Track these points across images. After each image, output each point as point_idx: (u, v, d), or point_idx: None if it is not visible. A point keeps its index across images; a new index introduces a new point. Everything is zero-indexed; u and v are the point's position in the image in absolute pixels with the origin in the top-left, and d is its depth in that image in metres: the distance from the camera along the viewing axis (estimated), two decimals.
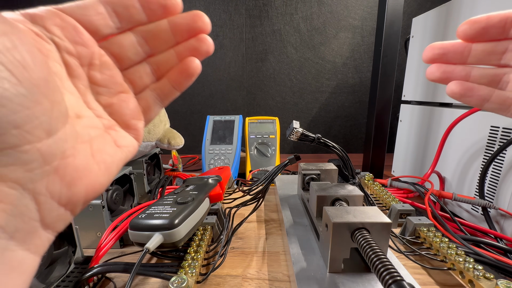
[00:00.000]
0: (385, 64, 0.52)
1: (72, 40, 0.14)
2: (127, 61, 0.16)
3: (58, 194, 0.12)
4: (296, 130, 0.31)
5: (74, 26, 0.14)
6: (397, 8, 0.49)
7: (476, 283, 0.24)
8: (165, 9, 0.15)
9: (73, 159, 0.13)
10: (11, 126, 0.10)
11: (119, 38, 0.16)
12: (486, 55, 0.18)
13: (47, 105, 0.11)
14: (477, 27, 0.17)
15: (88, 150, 0.14)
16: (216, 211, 0.37)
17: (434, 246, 0.30)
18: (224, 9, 0.86)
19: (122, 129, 0.16)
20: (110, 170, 0.15)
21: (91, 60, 0.15)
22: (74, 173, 0.12)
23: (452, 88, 0.19)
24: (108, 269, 0.27)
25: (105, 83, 0.16)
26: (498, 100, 0.18)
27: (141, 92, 0.17)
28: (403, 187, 0.50)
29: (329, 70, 0.89)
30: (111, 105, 0.16)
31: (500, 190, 0.37)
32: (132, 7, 0.15)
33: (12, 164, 0.10)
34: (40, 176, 0.11)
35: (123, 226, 0.31)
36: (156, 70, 0.17)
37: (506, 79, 0.18)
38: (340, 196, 0.29)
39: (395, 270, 0.17)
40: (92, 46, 0.15)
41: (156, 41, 0.16)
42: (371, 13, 0.84)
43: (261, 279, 0.29)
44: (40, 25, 0.13)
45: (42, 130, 0.11)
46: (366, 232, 0.21)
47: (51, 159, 0.12)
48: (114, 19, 0.15)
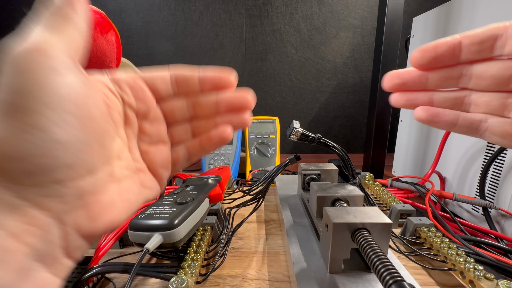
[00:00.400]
0: (386, 64, 0.52)
1: (137, 97, 0.17)
2: (174, 119, 0.19)
3: (81, 227, 0.13)
4: (296, 130, 0.31)
5: (142, 88, 0.17)
6: (397, 8, 0.49)
7: (477, 283, 0.24)
8: (217, 86, 0.18)
9: (102, 196, 0.14)
10: (64, 165, 0.12)
11: (173, 100, 0.19)
12: (444, 81, 0.19)
13: (97, 149, 0.14)
14: (428, 56, 0.18)
15: (116, 189, 0.15)
16: (216, 211, 0.37)
17: (435, 247, 0.30)
18: (224, 9, 0.86)
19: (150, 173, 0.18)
20: (132, 207, 0.16)
21: (146, 113, 0.18)
22: (99, 209, 0.14)
23: (419, 114, 0.19)
24: (108, 270, 0.27)
25: (150, 133, 0.18)
26: (465, 123, 0.19)
27: (176, 145, 0.19)
28: (403, 187, 0.50)
29: (329, 70, 0.89)
30: (148, 152, 0.18)
31: (500, 190, 0.37)
32: (191, 81, 0.18)
33: (52, 196, 0.12)
34: (71, 209, 0.12)
35: (122, 226, 0.31)
36: (195, 130, 0.19)
37: (467, 101, 0.19)
38: (340, 196, 0.29)
39: (395, 271, 0.17)
40: (151, 103, 0.18)
41: (203, 109, 0.19)
42: (372, 12, 0.84)
43: (261, 279, 0.29)
44: (117, 84, 0.17)
45: (86, 169, 0.13)
46: (367, 233, 0.21)
47: (85, 195, 0.13)
48: (175, 87, 0.18)
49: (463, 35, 0.17)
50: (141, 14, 0.86)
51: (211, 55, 0.89)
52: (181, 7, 0.86)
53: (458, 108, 0.19)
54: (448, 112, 0.19)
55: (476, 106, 0.18)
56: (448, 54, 0.18)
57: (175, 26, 0.87)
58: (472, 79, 0.18)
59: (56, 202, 0.12)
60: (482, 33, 0.17)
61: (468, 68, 0.18)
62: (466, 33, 0.17)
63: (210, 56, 0.89)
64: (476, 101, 0.18)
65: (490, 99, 0.18)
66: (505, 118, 0.17)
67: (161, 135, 0.19)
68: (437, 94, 0.19)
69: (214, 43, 0.88)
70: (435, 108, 0.19)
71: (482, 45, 0.17)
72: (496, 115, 0.18)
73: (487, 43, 0.17)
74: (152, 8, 0.86)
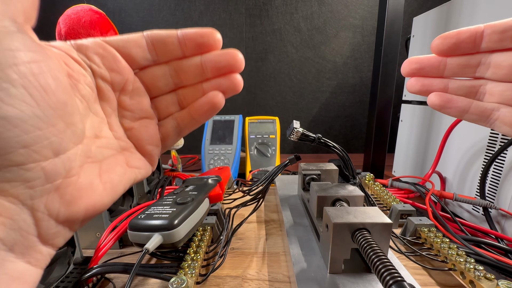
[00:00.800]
0: (386, 64, 0.52)
1: (109, 67, 0.15)
2: (157, 90, 0.17)
3: (56, 212, 0.12)
4: (296, 130, 0.31)
5: (114, 55, 0.15)
6: (397, 8, 0.49)
7: (477, 283, 0.23)
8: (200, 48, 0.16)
9: (77, 178, 0.13)
10: (20, 146, 0.10)
11: (154, 69, 0.17)
12: (461, 69, 0.19)
13: (61, 126, 0.12)
14: (449, 42, 0.18)
15: (96, 170, 0.14)
16: (216, 211, 0.37)
17: (435, 247, 0.30)
18: (224, 9, 0.86)
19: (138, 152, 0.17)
20: (116, 189, 0.15)
21: (124, 86, 0.16)
22: (75, 192, 0.13)
23: (432, 99, 0.20)
24: (108, 270, 0.27)
25: (132, 108, 0.17)
26: (477, 111, 0.19)
27: (164, 119, 0.18)
28: (404, 187, 0.50)
29: (330, 69, 0.89)
30: (132, 128, 0.17)
31: (501, 190, 0.37)
32: (171, 44, 0.16)
33: (14, 180, 0.11)
34: (40, 194, 0.11)
35: (122, 226, 0.31)
36: (182, 101, 0.18)
37: (482, 90, 0.19)
38: (340, 197, 0.28)
39: (395, 271, 0.16)
40: (127, 74, 0.16)
41: (188, 75, 0.17)
42: (372, 12, 0.83)
43: (261, 280, 0.28)
44: (83, 53, 0.15)
45: (50, 149, 0.11)
46: (367, 233, 0.21)
47: (54, 178, 0.12)
48: (152, 52, 0.16)
49: (487, 25, 0.17)
50: (141, 14, 0.86)
51: None
52: (181, 7, 0.86)
53: (472, 96, 0.19)
54: (462, 99, 0.19)
55: (490, 96, 0.18)
56: (469, 41, 0.18)
57: (175, 26, 0.87)
58: (490, 68, 0.18)
59: (20, 187, 0.11)
60: (506, 22, 0.17)
61: (487, 57, 0.18)
62: (490, 23, 0.17)
63: None
64: (491, 90, 0.18)
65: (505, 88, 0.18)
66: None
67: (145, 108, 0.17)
68: (453, 81, 0.19)
69: None
70: (448, 94, 0.19)
71: (503, 34, 0.17)
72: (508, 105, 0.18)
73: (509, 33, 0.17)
74: (152, 8, 0.86)
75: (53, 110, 0.12)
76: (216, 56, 0.16)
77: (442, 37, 0.18)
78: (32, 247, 0.11)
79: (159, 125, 0.18)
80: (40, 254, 0.12)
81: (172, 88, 0.17)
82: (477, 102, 0.19)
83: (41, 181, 0.11)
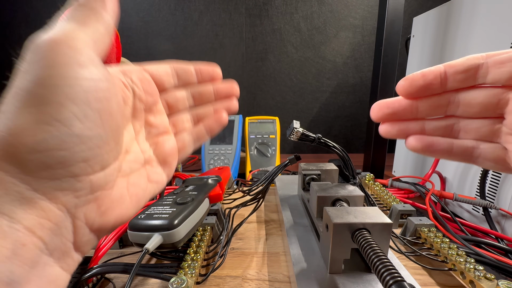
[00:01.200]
0: (386, 64, 0.52)
1: (145, 90, 0.18)
2: (176, 110, 0.20)
3: (92, 221, 0.13)
4: (296, 130, 0.31)
5: (149, 80, 0.18)
6: (397, 8, 0.49)
7: (477, 283, 0.23)
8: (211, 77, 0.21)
9: (112, 191, 0.14)
10: (81, 160, 0.12)
11: (175, 92, 0.20)
12: (433, 109, 0.19)
13: (112, 145, 0.14)
14: (416, 84, 0.18)
15: (125, 183, 0.15)
16: (215, 211, 0.37)
17: (435, 247, 0.30)
18: (224, 8, 0.86)
19: (159, 164, 0.19)
20: (139, 203, 0.16)
21: (153, 106, 0.19)
22: (109, 203, 0.14)
23: (413, 144, 0.19)
24: (108, 270, 0.27)
25: (156, 124, 0.19)
26: (459, 151, 0.19)
27: (180, 134, 0.21)
28: (404, 188, 0.50)
29: (330, 69, 0.89)
30: (156, 143, 0.19)
31: (501, 190, 0.37)
32: (190, 73, 0.20)
33: (67, 189, 0.12)
34: (83, 203, 0.13)
35: (122, 226, 0.31)
36: (195, 118, 0.21)
37: (456, 128, 0.19)
38: (340, 197, 0.28)
39: (395, 271, 0.17)
40: (157, 96, 0.19)
41: (201, 98, 0.21)
42: (372, 12, 0.83)
43: (261, 280, 0.28)
44: (128, 77, 0.17)
45: (100, 164, 0.13)
46: (367, 233, 0.21)
47: (96, 189, 0.13)
48: (175, 78, 0.20)
49: (447, 65, 0.17)
50: (140, 14, 0.86)
51: (211, 55, 0.89)
52: (181, 7, 0.86)
53: (449, 135, 0.19)
54: (442, 141, 0.19)
55: (466, 133, 0.18)
56: (436, 82, 0.18)
57: (174, 25, 0.87)
58: (460, 106, 0.18)
59: (69, 196, 0.12)
60: (464, 63, 0.17)
61: (455, 95, 0.18)
62: (449, 63, 0.17)
63: (210, 56, 0.89)
64: (465, 128, 0.18)
65: (479, 125, 0.18)
66: (495, 144, 0.17)
67: (165, 125, 0.20)
68: (428, 122, 0.19)
69: (214, 43, 0.88)
70: (428, 137, 0.19)
71: (466, 74, 0.17)
72: (486, 141, 0.18)
73: (470, 72, 0.17)
74: (151, 8, 0.86)
75: (111, 131, 0.13)
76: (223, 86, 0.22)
77: (407, 79, 0.18)
78: (67, 253, 0.12)
79: (177, 139, 0.20)
80: (72, 260, 0.13)
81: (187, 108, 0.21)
82: (457, 141, 0.19)
83: (86, 191, 0.12)
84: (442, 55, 0.47)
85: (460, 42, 0.43)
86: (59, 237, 0.12)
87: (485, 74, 0.16)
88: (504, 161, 0.17)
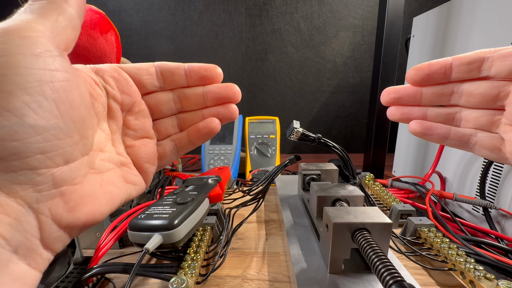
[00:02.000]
0: (386, 64, 0.52)
1: (121, 90, 0.17)
2: (160, 113, 0.19)
3: (59, 217, 0.13)
4: (296, 130, 0.31)
5: (126, 80, 0.17)
6: (397, 8, 0.49)
7: (477, 283, 0.23)
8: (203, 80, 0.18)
9: (80, 186, 0.14)
10: (38, 152, 0.11)
11: (159, 94, 0.19)
12: (436, 97, 0.20)
13: (76, 138, 0.13)
14: (421, 73, 0.19)
15: (98, 180, 0.15)
16: (216, 211, 0.37)
17: (435, 247, 0.30)
18: (224, 8, 0.86)
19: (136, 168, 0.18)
20: (114, 201, 0.16)
21: (131, 107, 0.18)
22: (78, 199, 0.13)
23: (413, 127, 0.21)
24: (108, 270, 0.27)
25: (135, 127, 0.18)
26: (456, 137, 0.20)
27: (163, 140, 0.19)
28: (404, 188, 0.50)
29: (330, 69, 0.89)
30: (132, 146, 0.18)
31: (501, 190, 0.37)
32: (177, 74, 0.18)
33: (25, 183, 0.11)
34: (46, 198, 0.12)
35: (122, 226, 0.31)
36: (182, 124, 0.20)
37: (458, 117, 0.20)
38: (340, 197, 0.28)
39: (395, 271, 0.16)
40: (136, 97, 0.18)
41: (190, 102, 0.19)
42: (372, 12, 0.83)
43: (261, 280, 0.28)
44: (101, 76, 0.16)
45: (62, 158, 0.12)
46: (367, 233, 0.21)
47: (60, 184, 0.13)
48: (160, 80, 0.18)
49: (454, 57, 0.19)
50: (140, 14, 0.86)
51: (211, 55, 0.89)
52: (181, 7, 0.86)
53: (450, 123, 0.20)
54: (441, 126, 0.20)
55: (466, 122, 0.20)
56: (440, 72, 0.19)
57: (175, 25, 0.87)
58: (463, 96, 0.19)
59: (29, 190, 0.11)
60: (471, 55, 0.18)
61: (459, 86, 0.19)
62: (457, 56, 0.19)
63: (210, 56, 0.89)
64: (466, 117, 0.19)
65: (479, 115, 0.19)
66: (493, 133, 0.18)
67: (147, 129, 0.18)
68: (431, 109, 0.21)
69: (214, 43, 0.88)
70: (428, 122, 0.20)
71: (470, 65, 0.18)
72: (484, 130, 0.19)
73: (475, 64, 0.18)
74: (152, 8, 0.86)
75: (73, 124, 0.13)
76: (217, 88, 0.18)
77: (415, 68, 0.20)
78: (34, 250, 0.12)
79: (158, 144, 0.19)
80: (41, 257, 0.12)
81: (174, 112, 0.19)
82: (455, 128, 0.20)
83: (48, 186, 0.12)
84: (442, 55, 0.47)
85: (460, 42, 0.43)
86: (22, 233, 0.11)
87: (489, 67, 0.17)
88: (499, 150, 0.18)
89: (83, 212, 0.13)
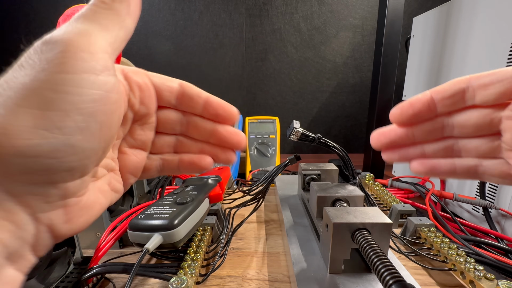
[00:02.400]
0: (386, 64, 0.52)
1: (141, 100, 0.16)
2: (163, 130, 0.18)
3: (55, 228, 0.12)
4: (296, 130, 0.31)
5: (150, 91, 0.16)
6: (397, 8, 0.49)
7: (477, 283, 0.24)
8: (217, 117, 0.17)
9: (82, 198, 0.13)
10: (67, 169, 0.11)
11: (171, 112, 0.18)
12: (428, 134, 0.19)
13: (100, 155, 0.13)
14: (406, 115, 0.18)
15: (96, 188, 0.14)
16: (216, 211, 0.37)
17: (435, 247, 0.30)
18: (224, 8, 0.86)
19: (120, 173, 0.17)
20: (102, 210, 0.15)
21: (143, 118, 0.17)
22: (78, 211, 0.13)
23: (416, 168, 0.19)
24: (108, 270, 0.27)
25: (137, 137, 0.17)
26: (462, 170, 0.18)
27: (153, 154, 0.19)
28: (403, 187, 0.50)
29: (330, 69, 0.89)
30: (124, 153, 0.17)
31: (501, 190, 0.37)
32: (196, 102, 0.17)
33: (39, 194, 0.11)
34: (51, 208, 0.12)
35: (122, 226, 0.31)
36: (177, 147, 0.19)
37: (456, 148, 0.19)
38: (340, 197, 0.28)
39: (395, 271, 0.17)
40: (152, 110, 0.17)
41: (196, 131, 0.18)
42: (372, 12, 0.83)
43: (261, 279, 0.28)
44: (128, 81, 0.15)
45: (80, 172, 0.12)
46: (367, 233, 0.21)
47: (68, 196, 0.12)
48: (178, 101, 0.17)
49: (433, 91, 0.17)
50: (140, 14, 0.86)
51: (211, 55, 0.89)
52: (181, 7, 0.86)
53: (450, 155, 0.19)
54: (444, 162, 0.19)
55: (467, 152, 0.18)
56: (424, 109, 0.18)
57: (175, 25, 0.87)
58: (455, 127, 0.18)
59: (40, 200, 0.11)
60: (449, 88, 0.17)
61: (449, 118, 0.18)
62: (435, 89, 0.17)
63: (210, 56, 0.89)
64: (465, 147, 0.18)
65: (478, 144, 0.18)
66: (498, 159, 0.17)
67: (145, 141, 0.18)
68: (427, 145, 0.19)
69: (214, 43, 0.88)
70: (430, 161, 0.19)
71: (453, 98, 0.17)
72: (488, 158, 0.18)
73: (457, 96, 0.17)
74: (152, 8, 0.86)
75: (105, 143, 0.13)
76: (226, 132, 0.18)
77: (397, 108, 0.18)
78: (24, 256, 0.12)
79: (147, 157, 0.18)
80: (28, 262, 0.12)
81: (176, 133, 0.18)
82: (459, 161, 0.19)
83: (58, 197, 0.12)
84: (442, 55, 0.47)
85: (460, 42, 0.43)
86: (19, 240, 0.11)
87: (473, 96, 0.17)
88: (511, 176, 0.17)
89: (77, 224, 0.13)
